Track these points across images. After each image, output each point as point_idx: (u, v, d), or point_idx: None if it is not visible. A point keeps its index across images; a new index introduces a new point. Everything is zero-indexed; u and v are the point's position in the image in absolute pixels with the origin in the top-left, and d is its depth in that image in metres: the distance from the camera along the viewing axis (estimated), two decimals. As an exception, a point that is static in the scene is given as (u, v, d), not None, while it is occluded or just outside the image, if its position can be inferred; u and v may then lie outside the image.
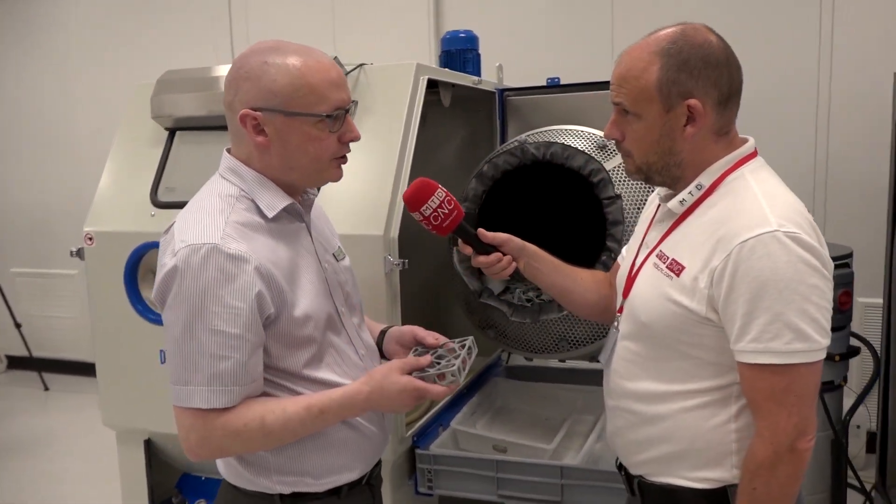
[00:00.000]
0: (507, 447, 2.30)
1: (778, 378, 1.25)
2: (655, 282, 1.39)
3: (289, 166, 1.39)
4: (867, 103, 3.51)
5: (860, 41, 3.57)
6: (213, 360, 1.27)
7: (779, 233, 1.23)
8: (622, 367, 1.48)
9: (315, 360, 1.42)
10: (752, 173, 1.37)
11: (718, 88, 1.33)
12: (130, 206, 2.39)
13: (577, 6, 4.11)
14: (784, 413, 1.25)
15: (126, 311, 2.37)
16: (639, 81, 1.33)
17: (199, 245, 1.28)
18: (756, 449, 1.29)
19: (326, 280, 1.47)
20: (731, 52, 1.36)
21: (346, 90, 1.39)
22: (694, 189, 1.38)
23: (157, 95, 2.38)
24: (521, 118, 2.88)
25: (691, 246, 1.34)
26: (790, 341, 1.23)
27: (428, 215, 1.51)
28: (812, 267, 1.23)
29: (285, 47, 1.36)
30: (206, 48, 4.86)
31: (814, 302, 1.23)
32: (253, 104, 1.34)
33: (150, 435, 2.47)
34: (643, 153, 1.39)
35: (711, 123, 1.35)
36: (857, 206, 3.55)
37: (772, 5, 3.66)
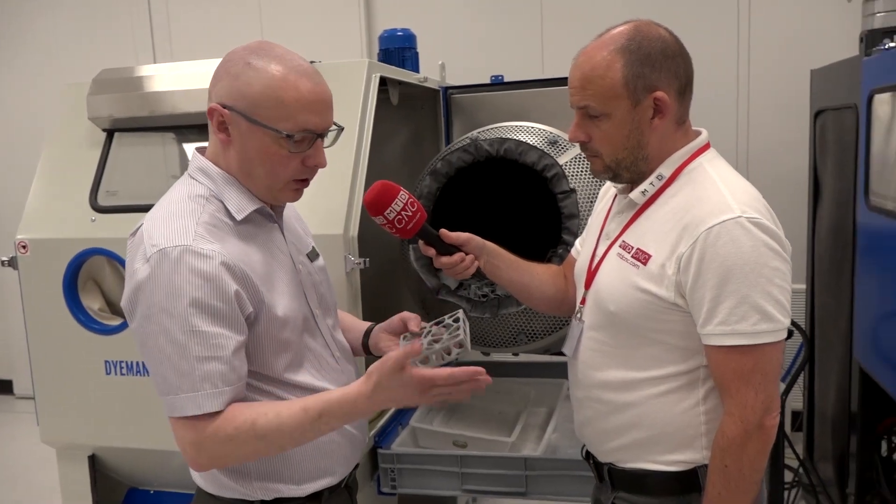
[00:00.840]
0: (466, 442, 2.31)
1: (745, 358, 1.30)
2: (621, 272, 1.42)
3: (245, 172, 1.35)
4: (785, 100, 3.71)
5: (777, 39, 3.77)
6: (199, 362, 1.23)
7: (742, 219, 1.28)
8: (590, 358, 1.50)
9: (294, 364, 1.39)
10: (710, 163, 1.42)
11: (678, 78, 1.38)
12: (67, 211, 2.28)
13: (506, 6, 4.17)
14: (752, 392, 1.30)
15: (66, 322, 2.25)
16: (604, 80, 1.36)
17: (170, 248, 1.24)
18: (726, 427, 1.33)
19: (301, 281, 1.44)
20: (682, 43, 1.41)
21: (323, 114, 1.33)
22: (655, 179, 1.42)
23: (94, 95, 2.27)
24: (465, 116, 2.90)
25: (656, 235, 1.38)
26: (756, 322, 1.28)
27: (392, 219, 1.47)
28: (773, 251, 1.29)
29: (275, 53, 1.31)
30: (127, 47, 4.67)
31: (776, 284, 1.29)
32: (223, 100, 1.30)
33: (94, 450, 2.36)
34: (613, 151, 1.41)
35: (674, 114, 1.39)
36: (779, 199, 3.71)
37: (691, 7, 3.81)
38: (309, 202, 2.01)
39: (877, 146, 2.27)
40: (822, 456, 3.02)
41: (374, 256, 2.09)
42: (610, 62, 1.35)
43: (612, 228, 1.51)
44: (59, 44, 4.86)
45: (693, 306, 1.33)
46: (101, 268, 2.34)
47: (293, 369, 1.39)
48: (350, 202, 2.03)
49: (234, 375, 1.27)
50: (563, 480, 2.06)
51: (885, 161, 2.24)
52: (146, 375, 2.21)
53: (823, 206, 2.94)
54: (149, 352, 1.27)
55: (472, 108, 2.90)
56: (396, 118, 2.81)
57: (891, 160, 2.20)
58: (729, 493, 1.34)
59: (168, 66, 2.33)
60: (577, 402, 1.58)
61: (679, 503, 1.44)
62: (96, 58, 4.45)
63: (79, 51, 4.77)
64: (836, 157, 2.74)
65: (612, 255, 1.47)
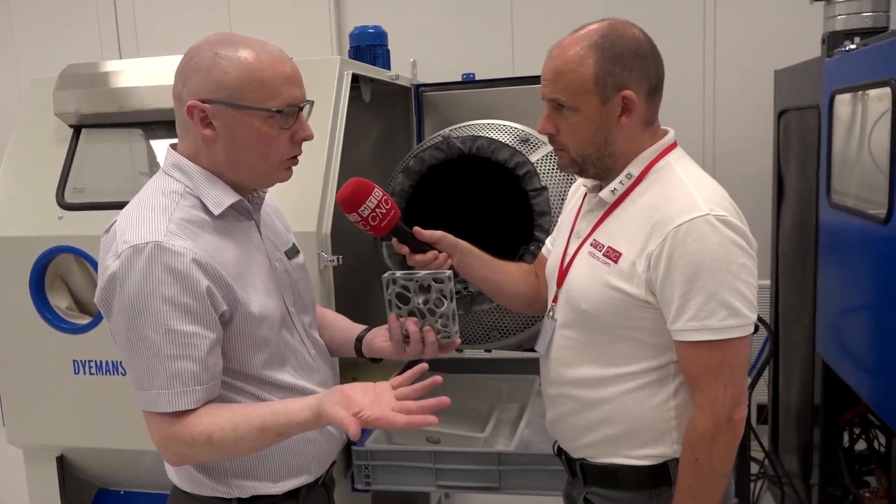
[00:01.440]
0: (440, 438, 2.33)
1: (714, 353, 1.33)
2: (593, 270, 1.44)
3: (236, 162, 1.34)
4: (750, 100, 3.78)
5: (742, 40, 3.84)
6: (170, 360, 1.23)
7: (710, 216, 1.31)
8: (562, 356, 1.52)
9: (272, 362, 1.39)
10: (677, 162, 1.45)
11: (648, 79, 1.41)
12: (33, 208, 2.24)
13: (476, 4, 4.19)
14: (721, 386, 1.33)
15: (33, 321, 2.22)
16: (575, 75, 1.38)
17: (142, 245, 1.23)
18: (696, 421, 1.36)
19: (277, 279, 1.43)
20: (654, 44, 1.43)
21: (301, 87, 1.35)
22: (624, 178, 1.44)
23: (61, 90, 2.24)
24: (437, 113, 2.91)
25: (626, 233, 1.40)
26: (724, 318, 1.31)
27: (366, 216, 1.46)
28: (741, 247, 1.33)
29: (238, 40, 1.32)
30: (92, 42, 4.59)
31: (743, 280, 1.32)
32: (202, 95, 1.29)
33: (62, 451, 2.32)
34: (579, 146, 1.43)
35: (642, 113, 1.42)
36: (744, 197, 3.77)
37: (657, 7, 3.86)
38: (281, 199, 2.01)
39: (838, 145, 2.33)
40: (786, 448, 3.09)
41: (346, 253, 2.09)
42: (582, 58, 1.37)
43: (582, 227, 1.53)
44: (22, 38, 4.77)
45: (663, 303, 1.36)
46: (68, 266, 2.30)
47: (271, 367, 1.39)
48: (323, 199, 2.03)
49: (207, 374, 1.27)
50: (536, 475, 2.09)
51: (845, 160, 2.30)
52: (116, 375, 2.19)
53: (787, 204, 3.01)
54: (122, 346, 1.27)
55: (444, 105, 2.91)
56: (368, 115, 2.81)
57: (851, 159, 2.26)
58: (700, 486, 1.37)
59: (136, 62, 2.30)
60: (550, 400, 1.59)
61: (651, 497, 1.46)
62: (61, 53, 4.36)
63: (43, 46, 4.68)
64: (799, 156, 2.80)
65: (584, 253, 1.48)
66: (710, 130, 3.93)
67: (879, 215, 1.95)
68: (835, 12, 2.46)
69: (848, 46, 2.21)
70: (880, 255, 2.00)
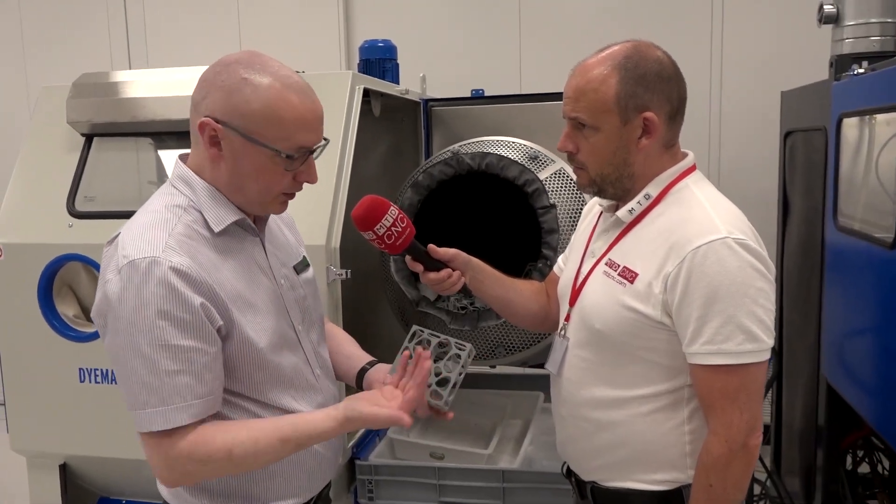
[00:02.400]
0: (444, 454, 2.32)
1: (731, 378, 1.31)
2: (608, 289, 1.43)
3: (236, 186, 1.33)
4: (756, 120, 3.80)
5: (749, 60, 3.86)
6: (168, 376, 1.21)
7: (729, 239, 1.30)
8: (575, 375, 1.50)
9: (269, 383, 1.36)
10: (696, 184, 1.44)
11: (670, 102, 1.40)
12: (44, 215, 2.25)
13: (485, 20, 4.21)
14: (737, 411, 1.32)
15: (40, 328, 2.22)
16: (597, 94, 1.37)
17: (139, 259, 1.22)
18: (711, 446, 1.34)
19: (282, 297, 1.41)
20: (678, 68, 1.43)
21: (318, 131, 1.32)
22: (642, 199, 1.43)
23: (74, 99, 2.25)
24: (445, 128, 2.93)
25: (643, 253, 1.39)
26: (741, 342, 1.29)
27: (381, 234, 1.45)
28: (759, 272, 1.31)
29: (271, 68, 1.29)
30: (102, 52, 4.61)
31: (761, 304, 1.31)
32: (217, 115, 1.27)
33: (65, 459, 2.32)
34: (598, 165, 1.43)
35: (662, 136, 1.41)
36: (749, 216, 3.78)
37: (665, 26, 3.89)
38: (291, 213, 2.02)
39: (845, 168, 2.33)
40: (789, 469, 3.08)
41: (354, 267, 2.09)
42: (605, 77, 1.37)
43: (597, 246, 1.51)
44: (32, 45, 4.79)
45: (679, 325, 1.34)
46: (77, 274, 2.31)
47: (269, 388, 1.36)
48: (333, 213, 2.04)
49: (205, 389, 1.25)
50: (540, 493, 2.09)
51: (852, 183, 2.30)
52: (121, 384, 2.19)
53: (792, 225, 3.01)
54: (119, 366, 1.26)
55: (452, 120, 2.93)
56: (377, 129, 2.83)
57: (858, 182, 2.27)
58: None
59: (149, 73, 2.32)
60: (561, 420, 1.57)
61: None
62: (70, 61, 4.41)
63: (53, 54, 4.70)
64: (804, 177, 2.81)
65: (598, 272, 1.47)
66: (716, 149, 3.95)
67: (886, 239, 1.95)
68: (843, 35, 2.47)
69: (856, 70, 2.22)
70: (886, 279, 2.00)
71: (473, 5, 4.22)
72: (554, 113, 2.53)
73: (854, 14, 2.45)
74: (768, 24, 3.84)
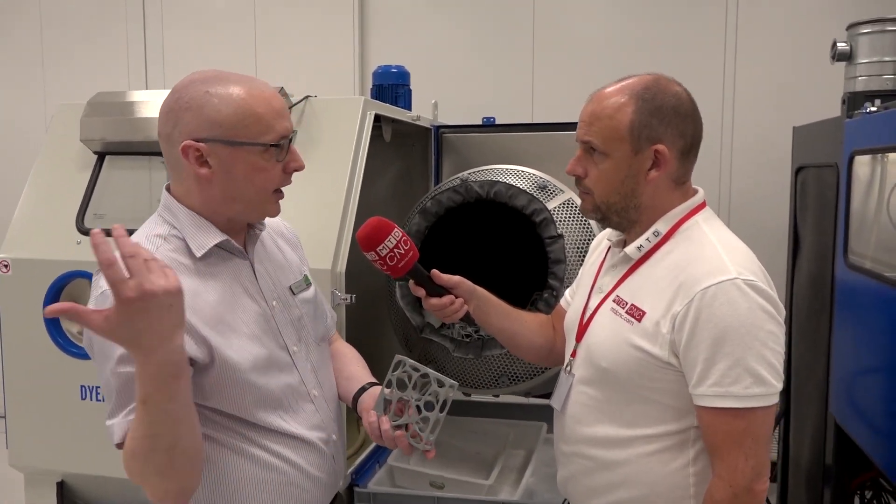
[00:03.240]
0: (444, 483, 2.30)
1: (737, 421, 1.28)
2: (615, 327, 1.41)
3: (232, 197, 1.33)
4: (767, 154, 3.79)
5: (761, 95, 3.86)
6: (118, 395, 1.22)
7: (738, 280, 1.28)
8: (579, 412, 1.47)
9: (259, 406, 1.35)
10: (706, 222, 1.43)
11: (684, 138, 1.40)
12: (53, 232, 2.27)
13: (499, 48, 4.24)
14: (742, 456, 1.29)
15: (44, 344, 2.23)
16: (612, 121, 1.37)
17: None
18: (715, 491, 1.31)
19: (273, 318, 1.40)
20: (696, 106, 1.43)
21: (289, 119, 1.36)
22: (651, 236, 1.42)
23: (89, 117, 2.28)
24: (455, 155, 2.94)
25: (651, 292, 1.37)
26: (749, 386, 1.27)
27: (384, 255, 1.45)
28: (769, 314, 1.29)
29: (226, 77, 1.32)
30: (120, 70, 4.68)
31: (770, 347, 1.28)
32: (195, 135, 1.28)
33: (63, 476, 2.31)
34: (605, 192, 1.42)
35: (673, 171, 1.40)
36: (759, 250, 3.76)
37: (678, 59, 3.90)
38: (299, 235, 2.04)
39: (856, 206, 2.32)
40: (795, 508, 3.03)
41: (359, 292, 2.09)
42: (622, 105, 1.37)
43: (605, 282, 1.49)
44: (51, 64, 4.86)
45: (686, 366, 1.32)
46: (82, 291, 2.31)
47: (258, 410, 1.35)
48: (340, 237, 2.04)
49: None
50: (540, 526, 2.06)
51: (863, 221, 2.29)
52: (123, 402, 2.18)
53: (802, 260, 2.99)
54: (102, 383, 1.28)
55: (463, 147, 2.94)
56: (387, 154, 2.84)
57: (870, 220, 2.26)
58: None
59: (163, 93, 2.32)
60: (563, 457, 1.54)
61: None
62: (88, 80, 4.46)
63: (72, 73, 4.76)
64: (815, 212, 2.79)
65: (605, 309, 1.45)
66: (727, 183, 3.94)
67: (897, 279, 1.94)
68: (856, 73, 2.47)
69: (869, 108, 2.22)
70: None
71: (488, 33, 4.25)
72: (564, 143, 2.54)
73: (867, 52, 2.45)
74: (781, 59, 3.85)
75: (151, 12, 4.70)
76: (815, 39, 3.56)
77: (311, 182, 1.88)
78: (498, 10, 4.23)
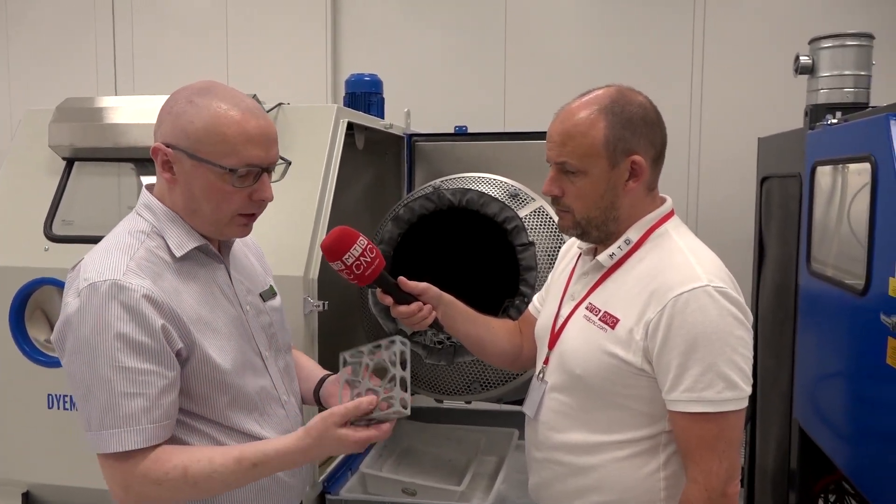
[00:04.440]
0: (416, 490, 2.30)
1: (710, 425, 1.31)
2: (589, 335, 1.42)
3: (192, 209, 1.34)
4: (734, 166, 3.86)
5: (727, 107, 3.95)
6: (124, 398, 1.21)
7: (709, 287, 1.31)
8: (552, 419, 1.49)
9: (234, 408, 1.36)
10: (675, 230, 1.46)
11: (654, 146, 1.43)
12: (20, 238, 2.23)
13: (471, 58, 4.28)
14: (716, 459, 1.31)
15: (10, 352, 2.19)
16: (586, 138, 1.38)
17: (100, 282, 1.23)
18: (690, 494, 1.33)
19: (247, 323, 1.41)
20: (659, 112, 1.46)
21: (268, 148, 1.32)
22: (623, 244, 1.44)
23: (57, 123, 2.25)
24: (428, 163, 2.95)
25: (624, 299, 1.39)
26: (721, 390, 1.30)
27: (350, 264, 1.45)
28: (738, 320, 1.33)
29: (218, 91, 1.32)
30: (89, 77, 4.62)
31: (740, 353, 1.32)
32: (166, 140, 1.30)
33: (28, 487, 2.27)
34: (585, 209, 1.43)
35: (647, 179, 1.43)
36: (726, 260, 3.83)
37: (646, 72, 3.97)
38: (270, 242, 2.03)
39: (818, 215, 2.38)
40: (761, 513, 3.07)
41: (332, 299, 2.09)
42: (593, 121, 1.38)
43: (576, 290, 1.51)
44: (18, 69, 4.79)
45: (659, 372, 1.34)
46: (50, 298, 2.29)
47: (233, 413, 1.35)
48: (312, 244, 2.04)
49: (160, 412, 1.24)
50: (511, 531, 2.07)
51: (825, 229, 2.35)
52: (91, 411, 2.15)
53: (767, 269, 3.05)
54: (75, 387, 1.25)
55: (435, 155, 2.96)
56: (360, 162, 2.85)
57: (831, 229, 2.31)
58: None
59: (133, 100, 2.33)
60: (536, 464, 1.55)
61: None
62: (56, 85, 4.41)
63: (40, 78, 4.70)
64: (780, 222, 2.86)
65: (578, 317, 1.47)
66: (694, 193, 4.01)
67: (857, 286, 1.99)
68: (818, 86, 2.54)
69: (830, 120, 2.28)
70: (857, 326, 2.03)
71: (461, 43, 4.29)
72: (536, 151, 2.57)
73: (829, 66, 2.52)
74: (746, 72, 3.94)
75: (121, 18, 4.66)
76: (779, 52, 3.64)
77: (283, 189, 1.86)
78: (470, 20, 4.27)
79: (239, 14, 4.53)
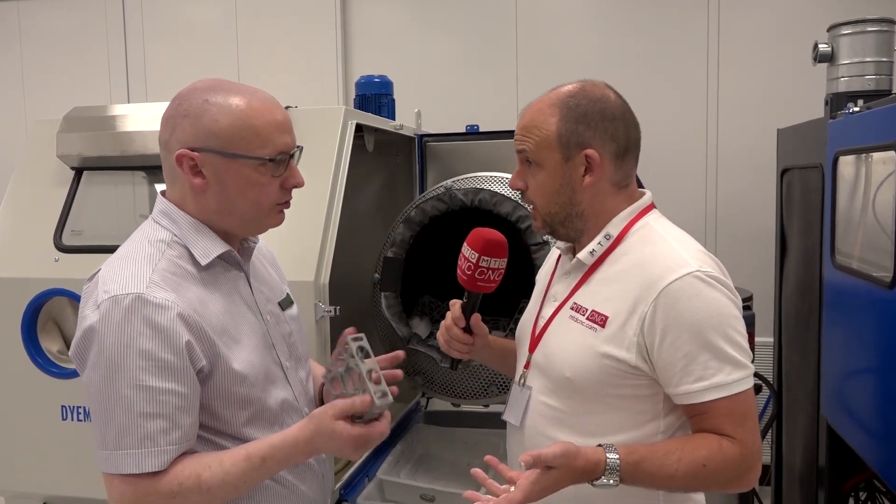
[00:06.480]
0: (434, 496, 2.27)
1: (734, 405, 1.29)
2: (577, 335, 1.39)
3: (227, 210, 1.31)
4: (753, 157, 3.80)
5: (745, 98, 3.88)
6: (143, 418, 1.18)
7: (700, 272, 1.29)
8: (541, 424, 1.44)
9: (255, 421, 1.33)
10: (656, 221, 1.43)
11: (615, 141, 1.39)
12: (30, 250, 2.22)
13: (483, 57, 4.25)
14: (749, 435, 1.30)
15: (23, 364, 2.18)
16: (540, 131, 1.39)
17: (122, 295, 1.19)
18: (727, 448, 1.28)
19: (268, 333, 1.39)
20: (629, 108, 1.43)
21: (292, 134, 1.33)
22: (603, 239, 1.41)
23: (65, 132, 2.24)
24: (439, 164, 2.92)
25: (611, 295, 1.36)
26: (730, 372, 1.28)
27: (482, 266, 1.44)
28: (731, 301, 1.32)
29: (229, 86, 1.30)
30: (102, 85, 4.65)
31: (738, 331, 1.31)
32: (191, 144, 1.27)
33: (45, 499, 2.26)
34: (545, 203, 1.42)
35: (610, 175, 1.40)
36: (747, 254, 3.81)
37: (662, 66, 3.93)
38: (280, 247, 2.00)
39: (842, 206, 2.31)
40: (789, 512, 3.01)
41: (344, 303, 2.06)
42: (548, 116, 1.39)
43: (558, 290, 1.48)
44: (31, 79, 4.82)
45: (661, 366, 1.31)
46: (62, 309, 2.28)
47: (254, 426, 1.32)
48: (322, 248, 2.01)
49: (180, 433, 1.21)
50: (532, 537, 2.02)
51: (849, 221, 2.28)
52: (104, 422, 2.14)
53: (790, 263, 2.98)
54: (94, 403, 1.22)
55: (447, 156, 2.92)
56: (371, 164, 2.82)
57: (856, 220, 2.25)
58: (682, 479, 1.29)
59: (139, 107, 2.32)
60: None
61: None
62: (69, 95, 4.42)
63: (52, 87, 4.73)
64: (802, 214, 2.79)
65: (563, 318, 1.43)
66: (713, 187, 3.94)
67: (885, 279, 1.92)
68: (838, 74, 2.47)
69: (851, 108, 2.22)
70: (885, 319, 1.97)
71: (472, 42, 4.25)
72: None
73: (848, 53, 2.46)
74: (764, 63, 3.87)
75: (132, 28, 4.68)
76: (796, 42, 3.58)
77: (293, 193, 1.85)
78: (481, 21, 4.24)
79: (249, 21, 4.53)
